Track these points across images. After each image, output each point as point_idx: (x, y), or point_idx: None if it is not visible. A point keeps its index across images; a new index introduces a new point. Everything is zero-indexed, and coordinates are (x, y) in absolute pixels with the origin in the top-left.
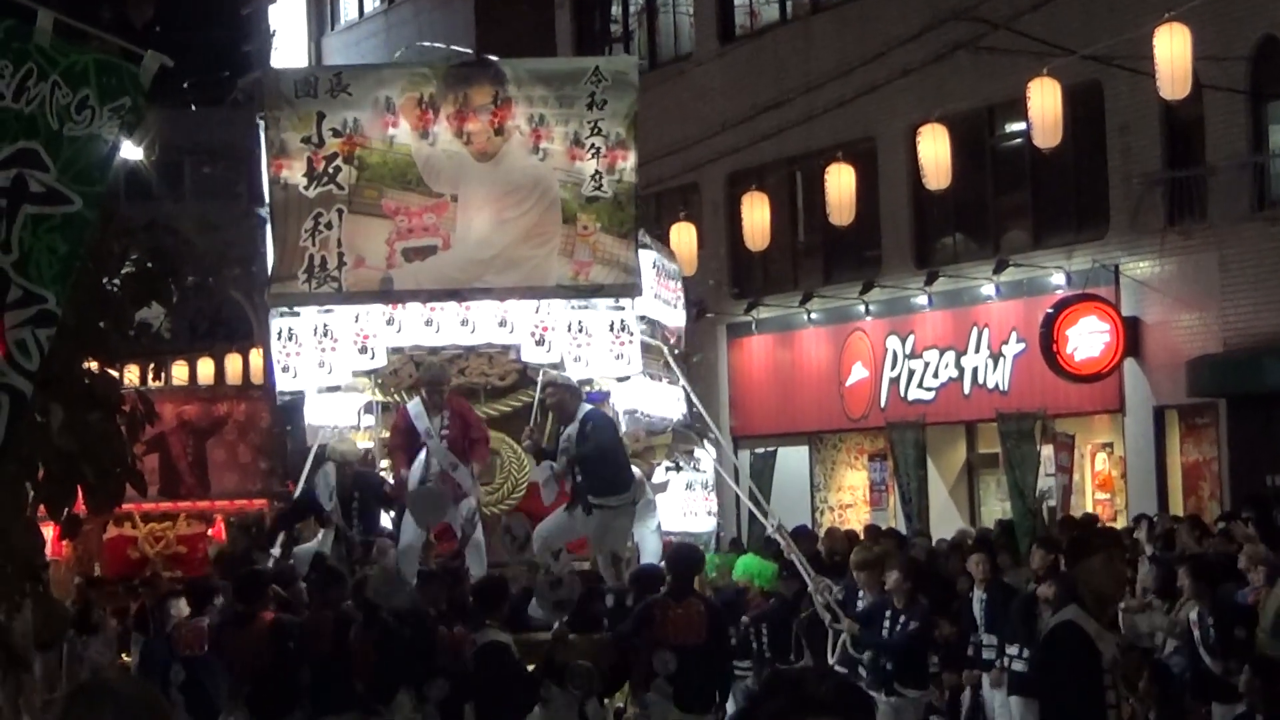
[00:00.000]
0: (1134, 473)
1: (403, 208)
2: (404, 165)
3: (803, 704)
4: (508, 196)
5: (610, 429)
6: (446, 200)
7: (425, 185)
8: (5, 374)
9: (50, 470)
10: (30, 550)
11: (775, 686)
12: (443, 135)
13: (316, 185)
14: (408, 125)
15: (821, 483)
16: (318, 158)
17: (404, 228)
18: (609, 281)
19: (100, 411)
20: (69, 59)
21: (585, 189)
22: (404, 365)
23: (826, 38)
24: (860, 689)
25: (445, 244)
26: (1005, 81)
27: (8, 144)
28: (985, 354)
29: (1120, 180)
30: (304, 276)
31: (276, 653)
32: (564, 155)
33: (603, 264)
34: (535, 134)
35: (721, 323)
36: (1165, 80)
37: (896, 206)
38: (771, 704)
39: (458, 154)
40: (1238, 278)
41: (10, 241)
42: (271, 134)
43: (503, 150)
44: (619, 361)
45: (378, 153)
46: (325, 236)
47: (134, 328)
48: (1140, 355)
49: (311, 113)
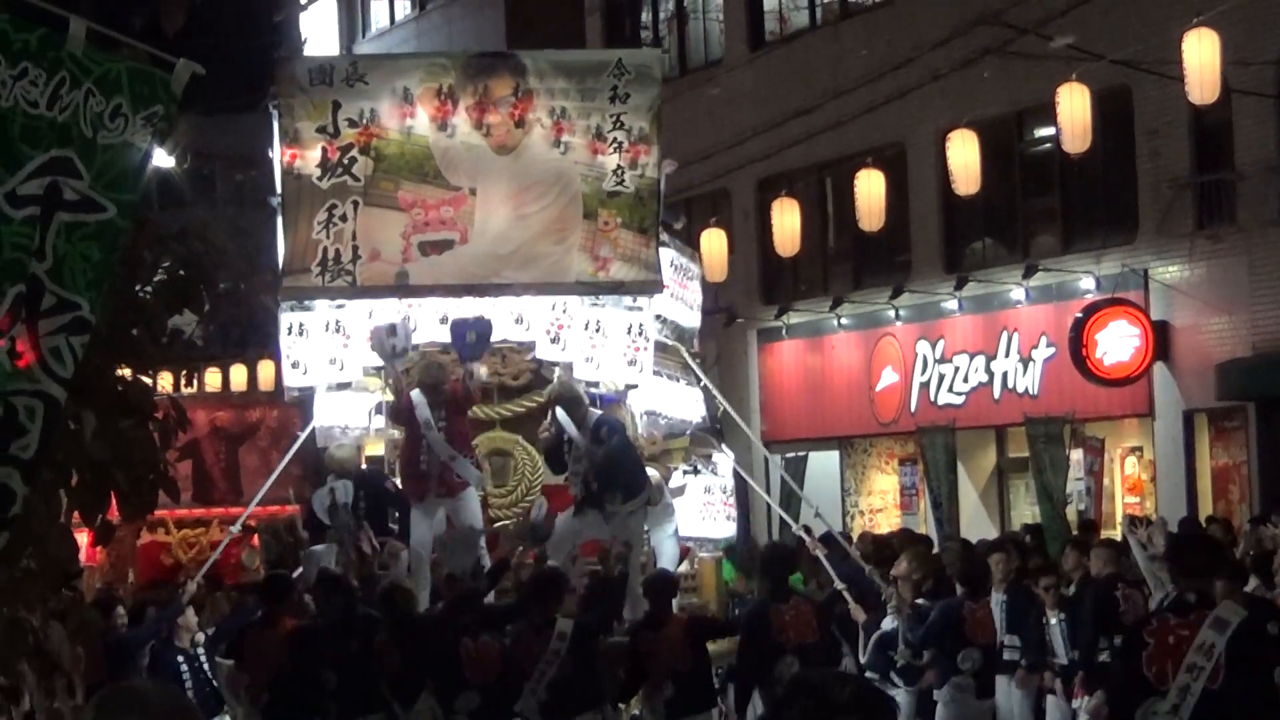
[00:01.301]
0: (1163, 476)
1: (419, 200)
2: (421, 157)
3: (826, 708)
4: (527, 190)
5: (622, 433)
6: (465, 193)
7: (443, 178)
8: (39, 380)
9: (83, 477)
10: (64, 557)
11: (799, 691)
12: (462, 127)
13: (331, 176)
14: (426, 116)
15: (852, 487)
16: (332, 148)
17: (420, 221)
18: (630, 278)
19: (133, 418)
20: (102, 67)
21: (607, 184)
22: (416, 363)
23: (856, 43)
24: (882, 692)
25: (463, 238)
26: (1034, 87)
27: (41, 152)
28: (1015, 358)
29: (1149, 185)
30: (317, 270)
31: (297, 657)
32: (585, 149)
33: (624, 261)
34: (556, 127)
35: (752, 328)
36: (1194, 85)
37: (926, 212)
38: (795, 708)
39: (477, 146)
40: (1267, 282)
41: (44, 249)
42: (285, 122)
43: (523, 143)
44: (631, 368)
45: (395, 144)
46: (339, 229)
47: (166, 335)
48: (1169, 359)
49: (327, 102)
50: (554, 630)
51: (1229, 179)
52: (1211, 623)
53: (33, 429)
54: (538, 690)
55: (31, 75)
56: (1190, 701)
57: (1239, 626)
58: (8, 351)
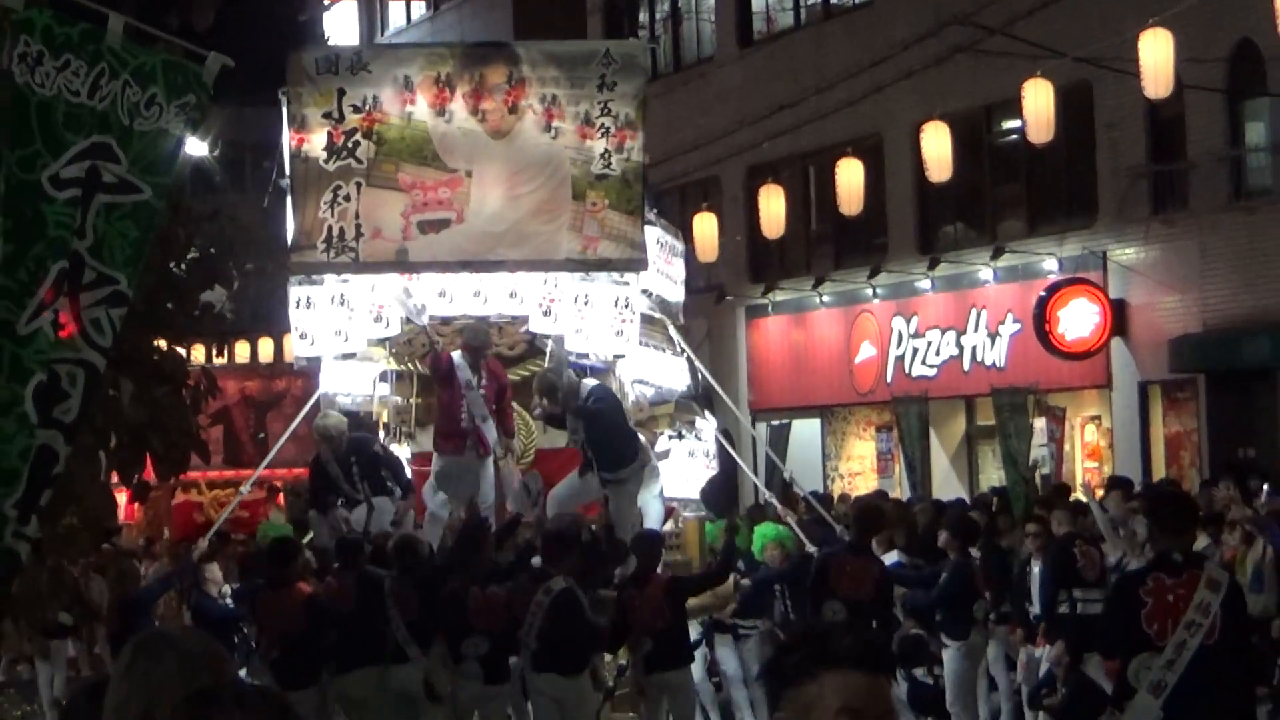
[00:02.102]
0: (1120, 443)
1: (419, 182)
2: (421, 141)
3: (826, 656)
4: (520, 173)
5: (613, 403)
6: (461, 176)
7: (441, 161)
8: (81, 350)
9: (121, 440)
10: (104, 513)
11: (800, 639)
12: (459, 113)
13: (336, 159)
14: (425, 103)
15: (832, 452)
16: (338, 132)
17: (419, 201)
18: (616, 256)
19: (168, 386)
20: (138, 60)
21: (594, 167)
22: (417, 335)
23: (837, 42)
24: (883, 646)
25: (459, 218)
26: (1001, 82)
27: (82, 138)
28: (983, 333)
29: (1108, 173)
30: (323, 247)
31: (307, 618)
32: (575, 134)
33: (610, 239)
34: (548, 113)
35: (740, 305)
36: (1149, 80)
37: (901, 198)
38: (796, 655)
39: (473, 131)
40: (1216, 263)
41: (85, 227)
42: (294, 109)
43: (516, 128)
44: (618, 338)
45: (396, 129)
46: (344, 208)
47: (199, 309)
48: (1126, 334)
49: (332, 89)
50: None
51: (1181, 168)
52: (1206, 583)
53: (74, 394)
54: (528, 640)
55: (74, 67)
56: (1185, 657)
57: (1227, 587)
58: (51, 323)
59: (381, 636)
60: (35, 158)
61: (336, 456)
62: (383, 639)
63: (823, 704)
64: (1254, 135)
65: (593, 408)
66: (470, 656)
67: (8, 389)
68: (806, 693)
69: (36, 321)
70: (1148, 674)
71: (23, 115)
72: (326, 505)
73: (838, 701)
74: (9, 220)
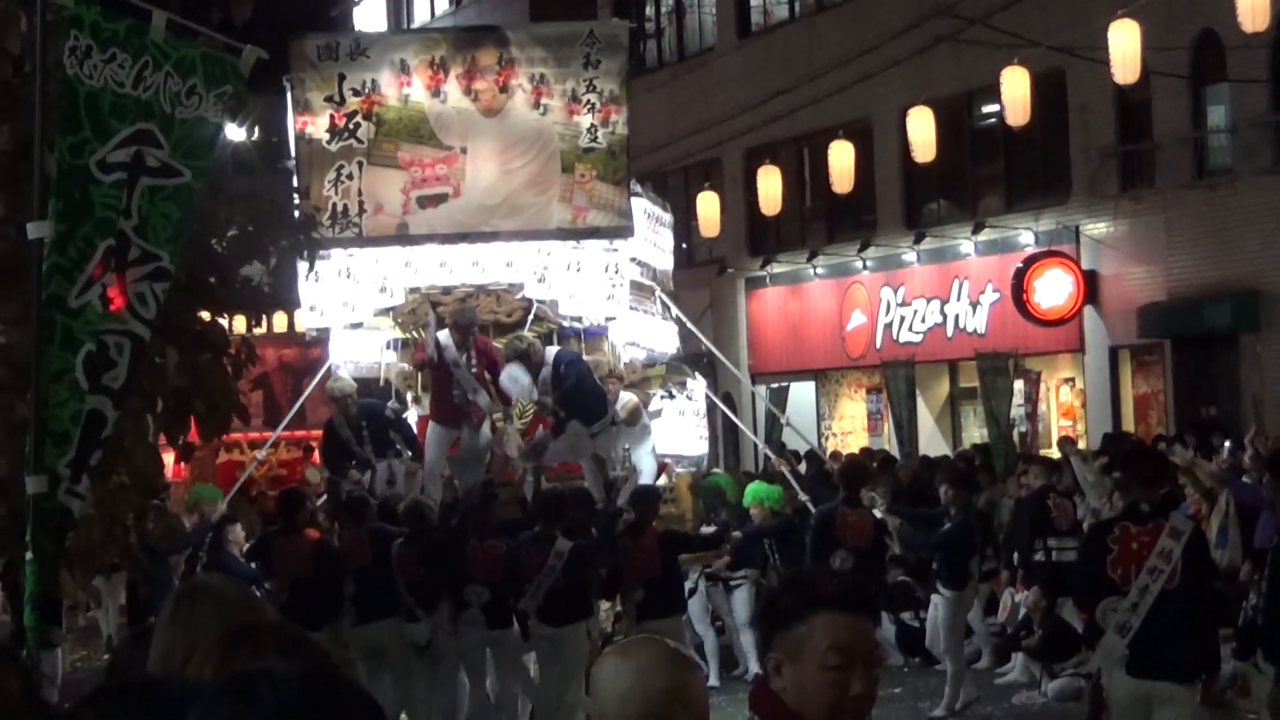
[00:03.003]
0: (1092, 404)
1: (417, 160)
2: (418, 121)
3: (814, 599)
4: (512, 149)
5: (580, 365)
6: (456, 153)
7: (437, 139)
8: (127, 322)
9: (167, 403)
10: (151, 472)
11: (790, 585)
12: (453, 94)
13: (338, 140)
14: (421, 85)
15: (826, 413)
16: (339, 115)
17: (418, 178)
18: (604, 224)
19: (210, 354)
20: (179, 52)
21: (582, 141)
22: (420, 304)
23: (829, 33)
24: (866, 586)
25: (456, 192)
26: (981, 70)
27: (128, 125)
28: (965, 302)
29: (1080, 153)
30: (328, 223)
31: (315, 563)
32: (562, 110)
33: (598, 209)
34: (536, 91)
35: (740, 277)
36: (1118, 67)
37: (889, 177)
38: (786, 599)
39: (466, 110)
40: (1181, 236)
41: (130, 208)
42: (297, 93)
43: (507, 106)
44: (609, 302)
45: (394, 110)
46: (347, 186)
47: (239, 282)
48: (1098, 303)
49: (333, 74)
50: (553, 548)
51: (1148, 148)
52: (1169, 532)
53: (121, 362)
54: (536, 596)
55: (119, 60)
56: (1148, 600)
57: (1190, 535)
58: (100, 296)
59: (396, 590)
60: (84, 144)
61: (348, 419)
62: (398, 592)
63: (812, 644)
64: (1215, 118)
65: (559, 370)
66: (474, 604)
67: (60, 358)
68: (796, 634)
69: (86, 295)
70: (1114, 616)
71: (72, 105)
72: (340, 468)
73: (826, 641)
74: (60, 202)
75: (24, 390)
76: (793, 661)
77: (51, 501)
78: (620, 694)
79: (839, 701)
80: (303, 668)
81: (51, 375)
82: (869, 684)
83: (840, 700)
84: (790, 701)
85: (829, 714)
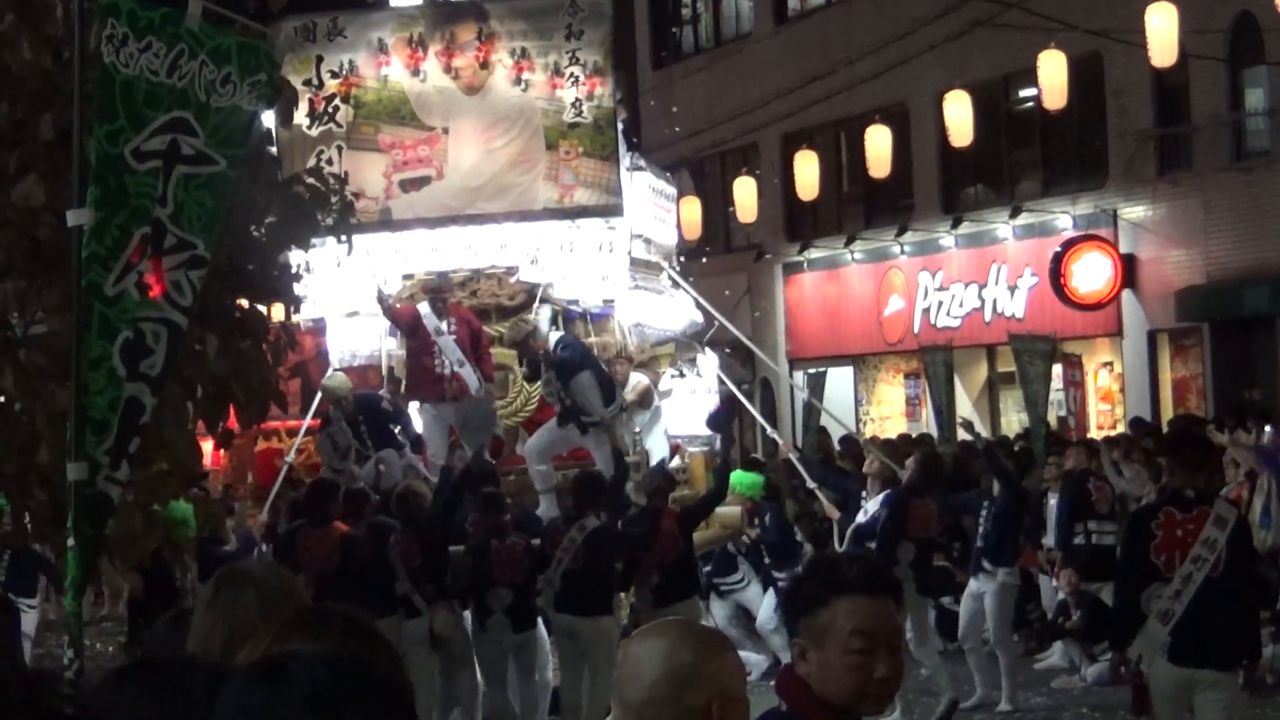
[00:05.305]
0: (1131, 387)
1: (398, 142)
2: (397, 101)
3: (837, 583)
4: (494, 127)
5: (580, 351)
6: (438, 133)
7: (418, 120)
8: (164, 309)
9: (207, 390)
10: (190, 459)
11: (814, 570)
12: (433, 72)
13: (318, 124)
14: (400, 64)
15: (864, 398)
16: (318, 99)
17: (400, 160)
18: (593, 202)
19: (249, 341)
20: (214, 41)
21: (566, 116)
22: (417, 291)
23: (865, 18)
24: (888, 571)
25: (439, 174)
26: (1018, 53)
27: (163, 113)
28: (1003, 286)
29: (1117, 137)
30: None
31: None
32: (545, 85)
33: (586, 186)
34: (518, 66)
35: (778, 262)
36: (1156, 50)
37: (926, 161)
38: (809, 585)
39: (447, 89)
40: (1219, 219)
41: (166, 196)
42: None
43: (488, 83)
44: (604, 283)
45: (373, 91)
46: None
47: (278, 269)
48: (1136, 286)
49: (311, 56)
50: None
51: (1186, 132)
52: (1214, 520)
53: (158, 350)
54: (553, 579)
55: (155, 48)
56: (1191, 588)
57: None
58: (136, 284)
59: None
60: (119, 133)
61: (346, 416)
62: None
63: (835, 628)
64: (1253, 100)
65: (562, 355)
66: (496, 610)
67: (98, 345)
68: (820, 619)
69: (123, 283)
70: (1157, 602)
71: (108, 93)
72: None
73: (850, 624)
74: (98, 190)
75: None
76: (817, 646)
77: (92, 489)
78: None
79: (863, 685)
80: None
81: (90, 363)
82: (893, 667)
83: (865, 683)
84: (816, 686)
85: (854, 697)
